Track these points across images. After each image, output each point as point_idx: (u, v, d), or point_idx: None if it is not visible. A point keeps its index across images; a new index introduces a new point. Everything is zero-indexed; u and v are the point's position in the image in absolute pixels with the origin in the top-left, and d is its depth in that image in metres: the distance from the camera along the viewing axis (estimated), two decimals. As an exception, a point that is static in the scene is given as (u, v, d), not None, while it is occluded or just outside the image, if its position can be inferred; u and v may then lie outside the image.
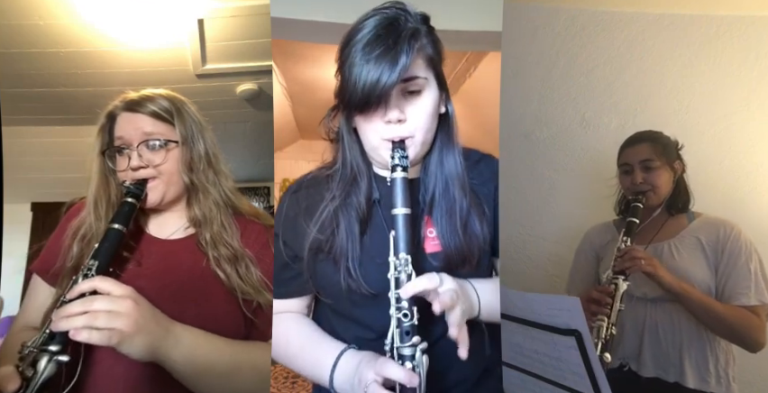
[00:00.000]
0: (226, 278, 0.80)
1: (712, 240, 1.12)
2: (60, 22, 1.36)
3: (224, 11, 1.39)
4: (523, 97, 1.69)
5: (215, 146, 0.88)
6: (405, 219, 0.64)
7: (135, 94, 0.85)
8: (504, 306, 0.81)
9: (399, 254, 0.63)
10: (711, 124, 1.61)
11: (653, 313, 1.14)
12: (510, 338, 0.88)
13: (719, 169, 1.60)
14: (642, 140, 1.19)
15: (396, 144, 0.67)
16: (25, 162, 1.25)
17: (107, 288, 0.66)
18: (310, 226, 0.73)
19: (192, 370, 0.68)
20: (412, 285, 0.62)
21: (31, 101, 1.54)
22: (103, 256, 0.72)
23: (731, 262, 1.09)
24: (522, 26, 1.66)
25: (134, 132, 0.81)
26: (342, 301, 0.75)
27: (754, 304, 1.06)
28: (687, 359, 1.10)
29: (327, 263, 0.73)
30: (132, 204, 0.78)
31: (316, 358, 0.71)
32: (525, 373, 0.90)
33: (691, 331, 1.11)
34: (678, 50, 1.62)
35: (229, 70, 1.57)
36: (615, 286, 1.06)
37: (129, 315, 0.63)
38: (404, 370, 0.60)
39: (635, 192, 1.17)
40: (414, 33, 0.64)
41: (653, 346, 1.13)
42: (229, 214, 0.86)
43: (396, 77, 0.61)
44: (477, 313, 0.71)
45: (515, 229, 1.69)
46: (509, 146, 1.68)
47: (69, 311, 0.63)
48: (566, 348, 0.81)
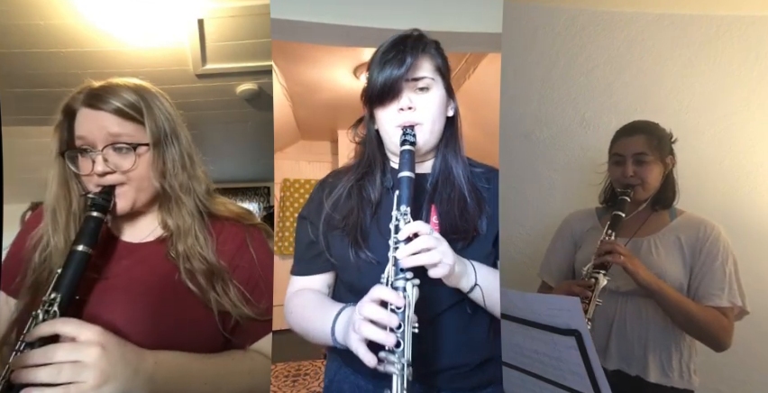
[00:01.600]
0: (200, 292, 0.74)
1: (691, 239, 1.12)
2: (61, 22, 1.36)
3: (224, 11, 1.39)
4: (523, 97, 1.69)
5: (191, 146, 0.80)
6: (408, 181, 0.72)
7: (98, 84, 0.75)
8: (504, 306, 0.81)
9: (401, 207, 0.71)
10: (711, 124, 1.61)
11: (624, 306, 1.14)
12: (510, 338, 0.88)
13: (719, 168, 1.60)
14: (638, 131, 1.17)
15: (406, 128, 0.78)
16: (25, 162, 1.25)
17: (72, 333, 0.60)
18: (327, 203, 0.84)
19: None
20: (409, 226, 0.69)
21: (31, 101, 1.54)
22: (66, 287, 0.65)
23: (707, 263, 1.09)
24: (522, 26, 1.66)
25: (98, 133, 0.71)
26: (350, 270, 0.82)
27: (726, 305, 1.07)
28: (651, 353, 1.11)
29: (341, 236, 0.83)
30: (98, 218, 0.69)
31: (322, 316, 0.78)
32: (525, 373, 0.90)
33: (659, 326, 1.12)
34: (678, 50, 1.62)
35: (229, 70, 1.57)
36: (595, 280, 1.06)
37: (95, 365, 0.59)
38: (392, 292, 0.66)
39: (623, 185, 1.16)
40: (418, 38, 0.79)
41: (619, 339, 1.14)
42: (204, 223, 0.78)
43: (403, 71, 0.75)
44: (473, 281, 0.76)
45: (515, 229, 1.69)
46: (509, 146, 1.68)
47: (30, 362, 0.58)
48: (566, 348, 0.81)
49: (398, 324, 0.64)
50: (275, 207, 3.11)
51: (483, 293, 0.76)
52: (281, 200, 3.33)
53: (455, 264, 0.71)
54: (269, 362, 0.79)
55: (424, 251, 0.67)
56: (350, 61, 2.27)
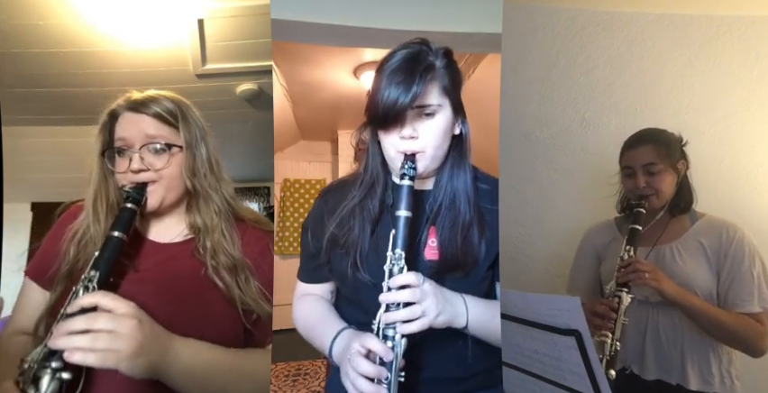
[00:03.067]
0: (225, 287, 0.79)
1: (715, 243, 1.10)
2: (60, 22, 1.36)
3: (224, 11, 1.40)
4: (523, 97, 1.69)
5: (217, 152, 0.87)
6: (404, 221, 0.73)
7: (139, 94, 0.83)
8: (504, 306, 0.81)
9: (396, 250, 0.72)
10: (711, 124, 1.61)
11: (656, 316, 1.12)
12: (510, 338, 0.88)
13: (719, 169, 1.60)
14: (644, 141, 1.15)
15: (407, 157, 0.77)
16: (25, 162, 1.25)
17: (110, 305, 0.64)
18: (330, 221, 0.83)
19: (191, 385, 0.68)
20: (399, 277, 0.72)
21: (31, 101, 1.54)
22: (103, 266, 0.70)
23: (734, 267, 1.07)
24: (522, 26, 1.66)
25: (137, 134, 0.79)
26: (348, 287, 0.85)
27: (758, 311, 1.05)
28: (689, 361, 1.09)
29: (341, 255, 0.83)
30: (132, 210, 0.76)
31: (323, 333, 0.82)
32: (525, 373, 0.90)
33: (693, 333, 1.09)
34: (678, 50, 1.62)
35: (229, 70, 1.57)
36: (618, 298, 1.04)
37: (132, 336, 0.62)
38: (382, 345, 0.69)
39: (637, 196, 1.14)
40: (428, 67, 0.75)
41: (655, 349, 1.12)
42: (230, 222, 0.84)
43: (408, 100, 0.73)
44: (464, 323, 0.76)
45: (515, 229, 1.69)
46: (509, 146, 1.68)
47: (71, 328, 0.62)
48: (566, 348, 0.81)
49: (387, 376, 0.68)
50: (275, 207, 3.11)
51: (472, 332, 0.77)
52: (281, 200, 3.34)
53: (438, 316, 0.72)
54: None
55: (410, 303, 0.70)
56: (350, 62, 2.27)
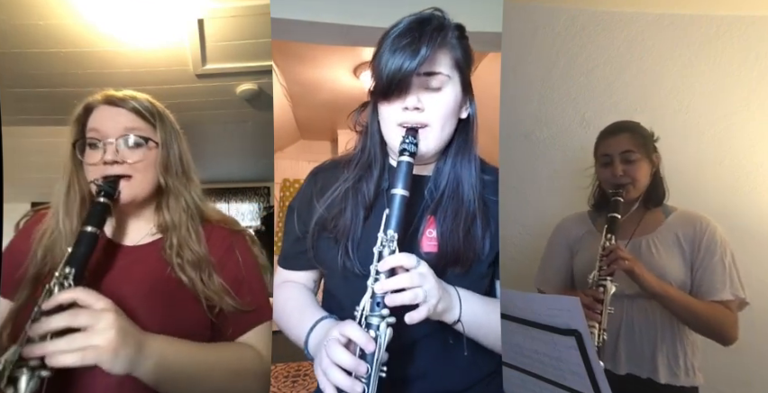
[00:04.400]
0: (190, 282, 0.79)
1: (689, 235, 1.12)
2: (60, 22, 1.37)
3: (224, 11, 1.40)
4: (523, 97, 1.69)
5: (188, 154, 0.88)
6: (401, 200, 0.66)
7: (117, 91, 0.83)
8: (504, 306, 0.81)
9: (388, 231, 0.65)
10: (711, 124, 1.61)
11: (630, 310, 1.14)
12: (510, 338, 0.88)
13: (719, 168, 1.60)
14: (622, 130, 1.17)
15: (408, 131, 0.70)
16: (25, 162, 1.25)
17: (88, 301, 0.64)
18: (319, 203, 0.78)
19: (164, 378, 0.68)
20: (391, 258, 0.64)
21: (31, 101, 1.54)
22: (78, 262, 0.69)
23: (707, 258, 1.09)
24: (522, 26, 1.66)
25: (113, 126, 0.78)
26: (336, 277, 0.79)
27: (729, 298, 1.07)
28: (659, 354, 1.11)
29: (329, 240, 0.77)
30: (105, 204, 0.74)
31: (300, 321, 0.76)
32: (525, 373, 0.90)
33: (665, 327, 1.12)
34: (678, 50, 1.62)
35: (229, 70, 1.57)
36: (603, 288, 1.05)
37: (110, 331, 0.62)
38: (363, 334, 0.61)
39: (614, 185, 1.14)
40: (438, 27, 0.68)
41: (628, 343, 1.13)
42: (196, 221, 0.85)
43: (415, 64, 0.66)
44: (456, 316, 0.70)
45: (515, 229, 1.69)
46: (509, 146, 1.68)
47: (51, 327, 0.61)
48: (566, 348, 0.81)
49: (366, 370, 0.60)
50: (275, 207, 3.11)
51: (465, 328, 0.71)
52: (281, 200, 3.34)
53: (439, 303, 0.65)
54: (256, 352, 0.82)
55: (406, 289, 0.63)
56: (350, 61, 2.27)
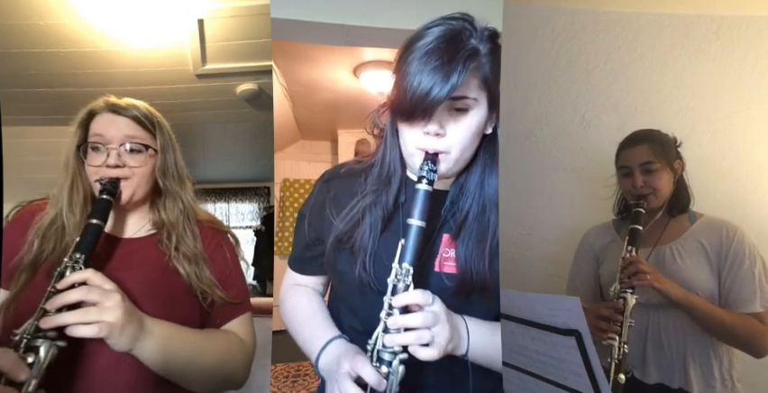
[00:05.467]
0: (186, 275, 0.87)
1: (715, 243, 1.09)
2: (60, 22, 1.37)
3: (224, 11, 1.40)
4: (523, 97, 1.69)
5: (182, 159, 0.96)
6: (417, 231, 0.64)
7: (118, 99, 0.90)
8: (504, 306, 0.81)
9: (403, 264, 0.64)
10: (711, 124, 1.61)
11: (656, 318, 1.12)
12: (510, 338, 0.88)
13: (719, 168, 1.60)
14: (640, 140, 1.15)
15: (428, 156, 0.67)
16: (25, 162, 1.25)
17: (98, 281, 0.71)
18: (339, 217, 0.76)
19: (161, 358, 0.75)
20: (405, 295, 0.63)
21: (31, 101, 1.54)
22: (87, 249, 0.76)
23: (735, 267, 1.06)
24: (522, 26, 1.66)
25: (116, 133, 0.85)
26: (348, 288, 0.78)
27: (760, 311, 1.04)
28: (691, 364, 1.08)
29: (345, 253, 0.76)
30: (108, 200, 0.82)
31: (311, 338, 0.77)
32: (525, 373, 0.90)
33: (695, 335, 1.09)
34: (678, 50, 1.62)
35: (229, 70, 1.57)
36: (623, 300, 1.03)
37: (118, 308, 0.69)
38: (374, 373, 0.60)
39: (635, 196, 1.14)
40: (472, 54, 0.64)
41: (656, 352, 1.11)
42: (191, 220, 0.93)
43: (445, 93, 0.62)
44: (464, 350, 0.69)
45: (515, 229, 1.69)
46: (509, 146, 1.68)
47: (67, 300, 0.68)
48: (566, 348, 0.81)
49: None
50: (275, 207, 3.11)
51: (471, 359, 0.70)
52: (281, 200, 3.34)
53: (449, 343, 0.64)
54: (239, 338, 0.88)
55: (417, 329, 0.62)
56: (350, 61, 2.27)
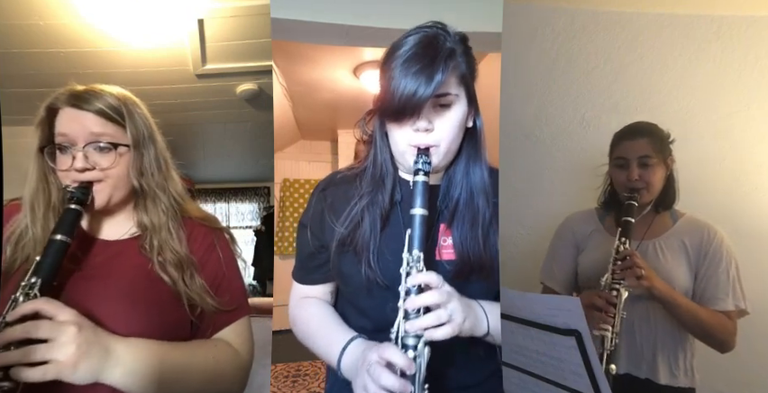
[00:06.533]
0: (172, 282, 0.79)
1: (696, 244, 1.12)
2: (60, 22, 1.37)
3: (224, 11, 1.40)
4: (523, 97, 1.69)
5: (165, 150, 0.85)
6: (421, 219, 0.68)
7: (81, 87, 0.79)
8: (504, 306, 0.81)
9: (413, 251, 0.67)
10: (711, 124, 1.61)
11: (630, 310, 1.12)
12: (510, 338, 0.88)
13: (720, 168, 1.60)
14: (640, 133, 1.16)
15: (421, 151, 0.72)
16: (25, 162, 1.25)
17: (51, 312, 0.63)
18: (338, 222, 0.79)
19: (137, 384, 0.67)
20: (421, 275, 0.66)
21: (31, 101, 1.54)
22: (46, 272, 0.67)
23: (712, 267, 1.10)
24: (522, 26, 1.66)
25: (80, 131, 0.75)
26: (355, 289, 0.81)
27: (731, 309, 1.08)
28: (660, 355, 1.11)
29: (349, 255, 0.79)
30: (76, 210, 0.72)
31: (329, 342, 0.78)
32: (525, 373, 0.90)
33: (666, 328, 1.12)
34: (678, 50, 1.63)
35: (229, 70, 1.57)
36: (617, 292, 1.04)
37: (71, 344, 0.61)
38: (404, 356, 0.63)
39: (629, 189, 1.14)
40: (450, 54, 0.70)
41: (627, 343, 1.13)
42: (177, 220, 0.83)
43: (430, 91, 0.67)
44: (486, 331, 0.73)
45: (515, 229, 1.69)
46: (509, 146, 1.68)
47: (10, 338, 0.61)
48: (566, 348, 0.81)
49: (411, 390, 0.63)
50: (275, 207, 3.11)
51: (495, 339, 0.74)
52: (281, 200, 3.34)
53: (465, 320, 0.67)
54: (232, 350, 0.83)
55: (433, 307, 0.65)
56: (350, 61, 2.27)
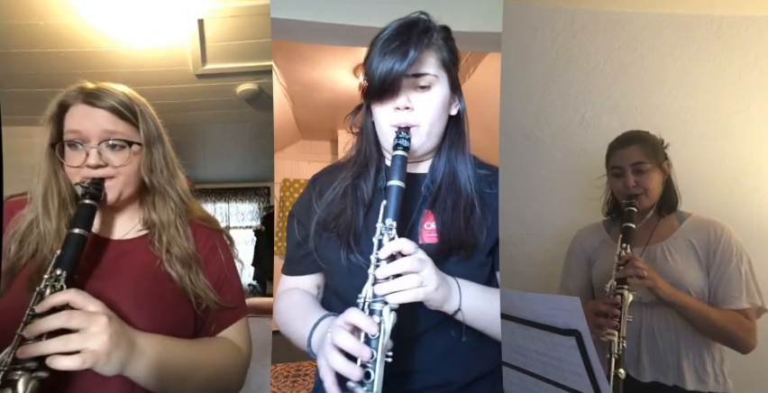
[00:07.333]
0: (179, 279, 0.80)
1: (703, 242, 1.12)
2: (60, 22, 1.37)
3: (224, 11, 1.40)
4: (523, 97, 1.69)
5: (171, 149, 0.86)
6: (397, 190, 0.68)
7: (92, 85, 0.79)
8: (504, 306, 0.81)
9: (386, 220, 0.66)
10: (711, 124, 1.61)
11: (650, 317, 1.13)
12: (510, 338, 0.88)
13: (720, 168, 1.60)
14: (631, 141, 1.17)
15: (401, 129, 0.73)
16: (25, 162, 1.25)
17: (81, 303, 0.64)
18: (319, 204, 0.80)
19: (154, 377, 0.69)
20: (391, 244, 0.65)
21: (31, 101, 1.54)
22: (69, 265, 0.68)
23: (723, 265, 1.09)
24: (522, 26, 1.66)
25: (94, 128, 0.75)
26: (338, 274, 0.80)
27: (746, 307, 1.07)
28: (685, 361, 1.10)
29: (332, 240, 0.79)
30: (92, 205, 0.73)
31: (303, 323, 0.77)
32: (525, 373, 0.90)
33: (687, 332, 1.11)
34: (678, 50, 1.63)
35: (229, 70, 1.57)
36: (621, 296, 1.04)
37: (104, 334, 0.62)
38: (366, 318, 0.62)
39: (627, 196, 1.15)
40: (424, 30, 0.72)
41: (650, 350, 1.13)
42: (184, 218, 0.85)
43: (405, 66, 0.69)
44: (456, 305, 0.72)
45: (515, 229, 1.69)
46: (509, 146, 1.68)
47: (47, 327, 0.61)
48: (566, 348, 0.81)
49: (371, 355, 0.60)
50: (275, 207, 3.11)
51: (466, 317, 0.72)
52: (281, 200, 3.33)
53: (437, 289, 0.67)
54: (236, 346, 0.84)
55: (405, 273, 0.64)
56: (349, 61, 2.26)
